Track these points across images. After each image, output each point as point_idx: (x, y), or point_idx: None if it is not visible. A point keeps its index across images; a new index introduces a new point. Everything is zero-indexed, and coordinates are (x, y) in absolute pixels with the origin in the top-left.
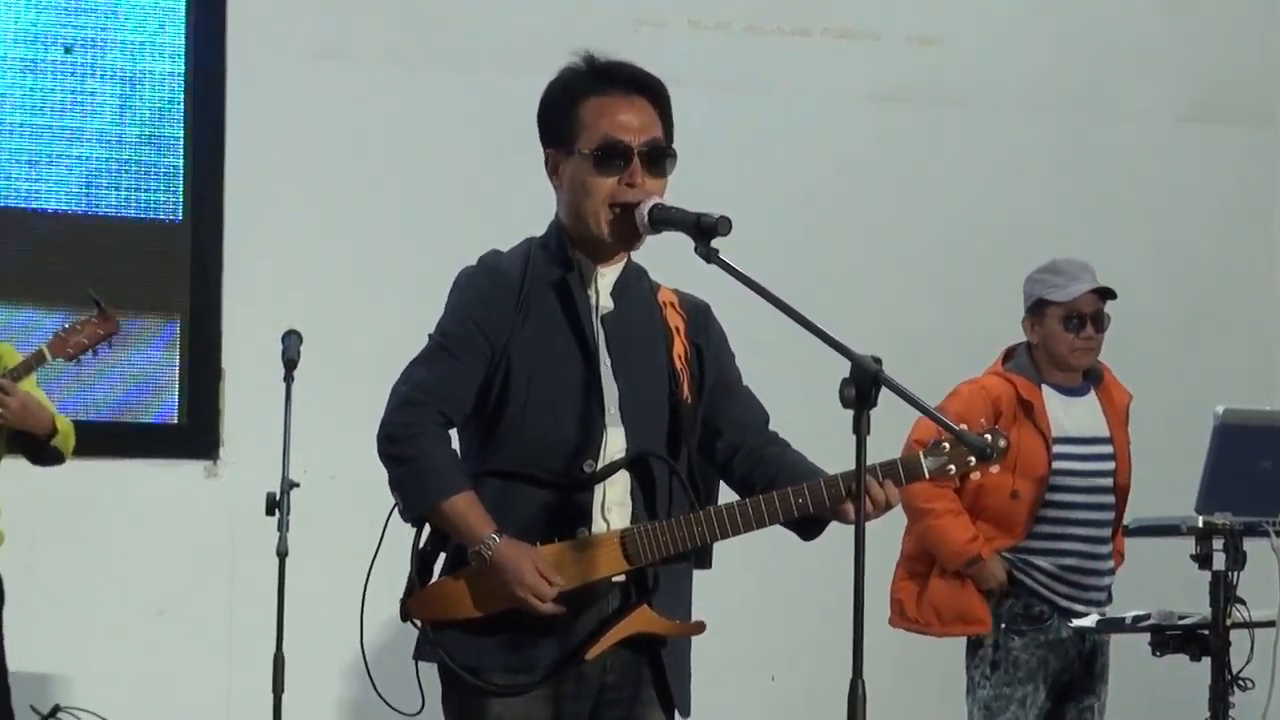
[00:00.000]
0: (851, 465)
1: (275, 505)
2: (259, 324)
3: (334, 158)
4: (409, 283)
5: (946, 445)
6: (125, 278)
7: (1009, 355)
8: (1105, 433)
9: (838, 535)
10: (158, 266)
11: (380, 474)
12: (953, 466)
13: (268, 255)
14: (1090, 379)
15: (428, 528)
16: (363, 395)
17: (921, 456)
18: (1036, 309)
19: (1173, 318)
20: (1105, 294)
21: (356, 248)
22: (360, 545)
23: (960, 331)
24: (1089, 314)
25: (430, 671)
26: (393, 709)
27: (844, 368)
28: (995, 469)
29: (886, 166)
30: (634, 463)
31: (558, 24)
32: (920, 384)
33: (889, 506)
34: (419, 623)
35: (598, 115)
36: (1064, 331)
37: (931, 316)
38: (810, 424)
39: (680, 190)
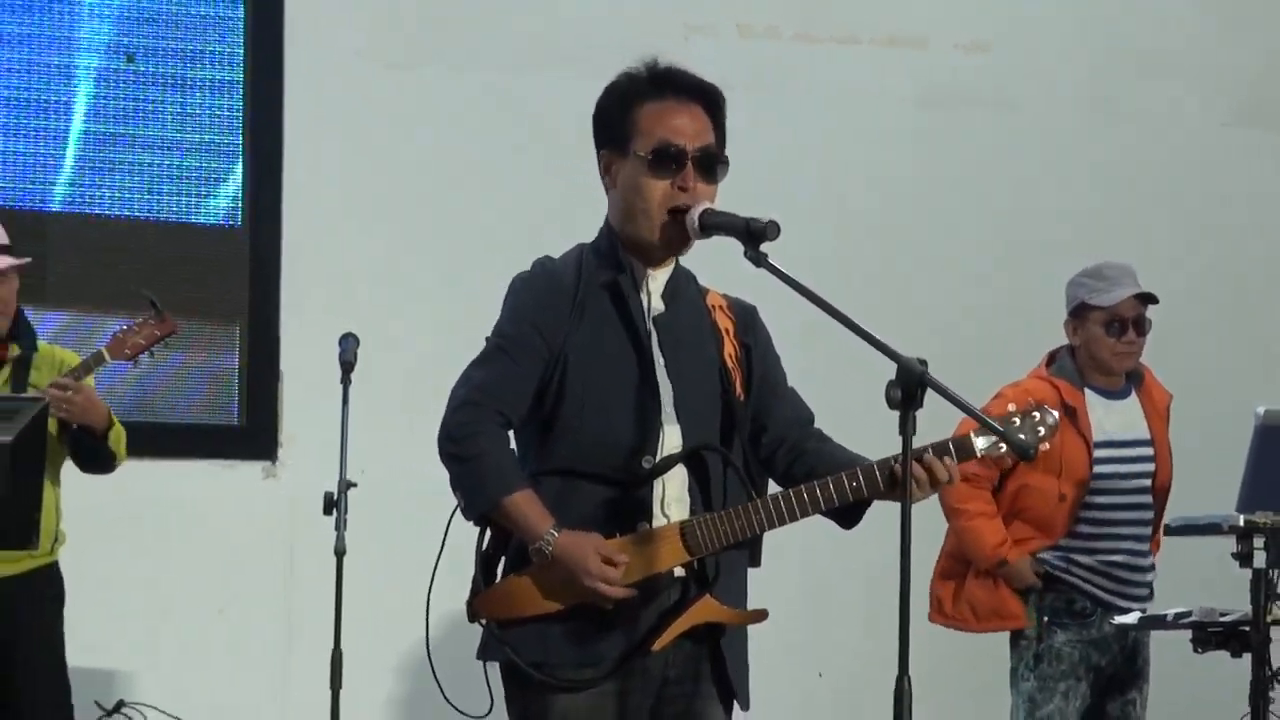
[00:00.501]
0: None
1: (333, 505)
2: (317, 327)
3: (389, 163)
4: (464, 285)
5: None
6: (186, 282)
7: (1052, 358)
8: (1146, 434)
9: (885, 534)
10: (218, 271)
11: (435, 474)
12: (1003, 446)
13: (325, 259)
14: (1131, 381)
15: (488, 530)
16: (418, 396)
17: (973, 436)
18: (1079, 312)
19: (1214, 318)
20: (1147, 299)
21: (412, 251)
22: (415, 545)
23: (1004, 332)
24: (1130, 318)
25: (495, 672)
26: (460, 712)
27: (889, 369)
28: (1046, 446)
29: (932, 170)
30: (690, 458)
31: (610, 30)
32: (958, 384)
33: (937, 485)
34: (485, 622)
35: (654, 120)
36: (1106, 335)
37: (977, 318)
38: (856, 424)
39: (729, 193)
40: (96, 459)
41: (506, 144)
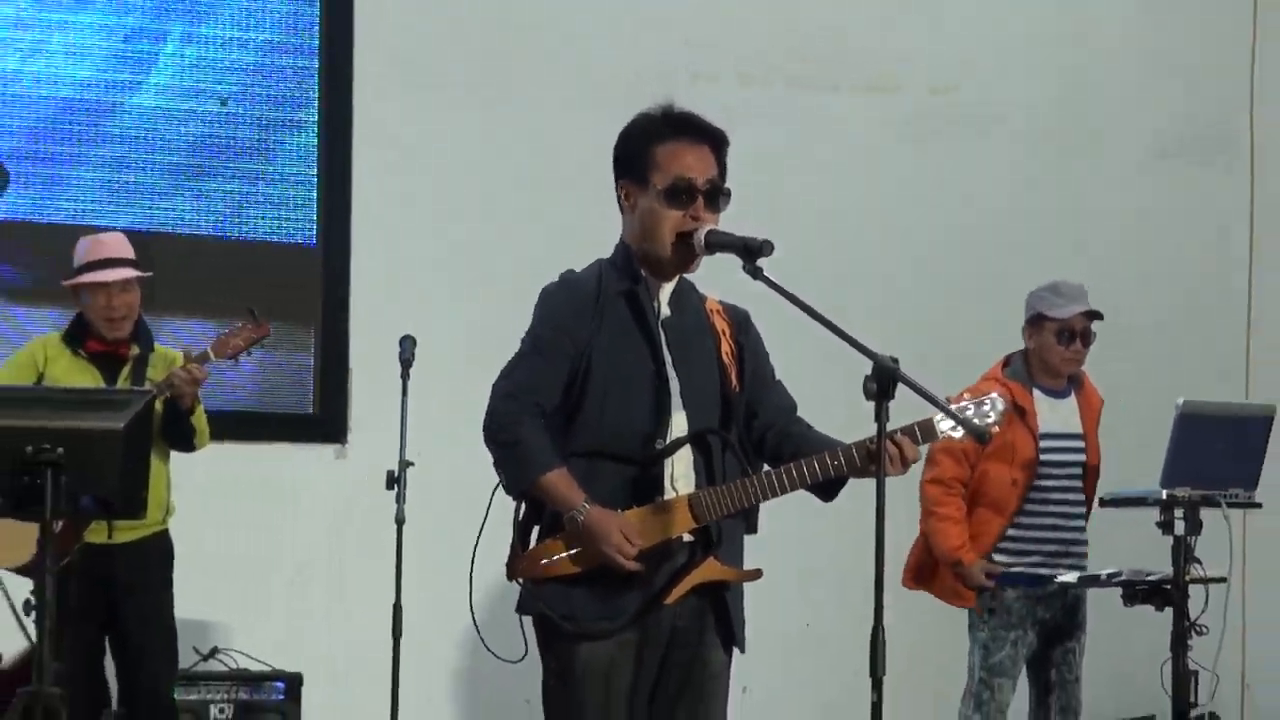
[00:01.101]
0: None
1: (394, 481)
2: (379, 331)
3: (442, 191)
4: (505, 295)
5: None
6: (269, 292)
7: (1007, 362)
8: (1079, 430)
9: (865, 505)
10: (295, 283)
11: (480, 455)
12: (962, 430)
13: (387, 273)
14: (1073, 384)
15: (524, 503)
16: (466, 390)
17: (936, 420)
18: (1035, 321)
19: (1155, 325)
20: (1094, 315)
21: (460, 266)
22: (463, 515)
23: (969, 334)
24: (1079, 331)
25: (528, 624)
26: (497, 657)
27: (865, 365)
28: (997, 428)
29: (905, 195)
30: (695, 440)
31: (626, 75)
32: (926, 381)
33: (907, 463)
34: (522, 581)
35: (670, 158)
36: (1057, 343)
37: (943, 322)
38: (836, 414)
39: (730, 218)
40: (181, 434)
41: (537, 172)
